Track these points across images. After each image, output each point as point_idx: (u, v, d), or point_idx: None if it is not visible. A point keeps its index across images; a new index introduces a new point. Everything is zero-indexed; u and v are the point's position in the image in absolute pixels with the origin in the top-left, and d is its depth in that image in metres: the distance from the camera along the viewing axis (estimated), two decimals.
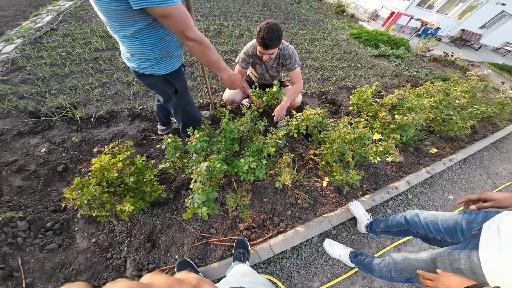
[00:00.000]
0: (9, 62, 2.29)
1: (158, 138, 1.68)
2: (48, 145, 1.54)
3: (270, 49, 1.24)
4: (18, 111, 1.74)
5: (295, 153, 1.78)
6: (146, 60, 0.86)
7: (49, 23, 3.23)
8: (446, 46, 7.42)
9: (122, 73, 2.24)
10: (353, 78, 3.11)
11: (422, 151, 2.19)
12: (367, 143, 1.30)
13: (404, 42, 5.15)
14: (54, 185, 1.35)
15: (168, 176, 1.47)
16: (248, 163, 1.01)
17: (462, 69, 5.24)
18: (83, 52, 2.44)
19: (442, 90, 2.36)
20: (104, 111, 1.80)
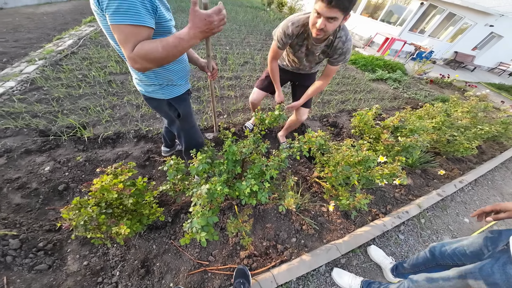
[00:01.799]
0: (29, 82, 2.45)
1: (161, 159, 1.69)
2: (53, 164, 1.56)
3: (334, 9, 0.84)
4: (29, 129, 1.81)
5: (298, 176, 1.75)
6: (151, 85, 0.90)
7: (70, 46, 3.53)
8: (441, 68, 7.67)
9: (133, 96, 2.35)
10: (353, 101, 3.20)
11: (430, 173, 2.15)
12: (372, 166, 1.28)
13: (400, 66, 5.39)
14: (53, 204, 1.34)
15: (167, 199, 1.45)
16: (250, 186, 0.99)
17: (460, 90, 5.38)
18: (98, 75, 2.61)
19: (443, 111, 2.39)
20: (112, 132, 1.85)
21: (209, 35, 0.71)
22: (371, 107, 2.22)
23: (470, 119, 2.40)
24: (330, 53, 1.21)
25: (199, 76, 2.99)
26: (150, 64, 0.66)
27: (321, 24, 0.90)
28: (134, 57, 0.63)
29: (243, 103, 2.58)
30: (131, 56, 0.63)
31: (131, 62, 0.65)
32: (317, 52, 1.24)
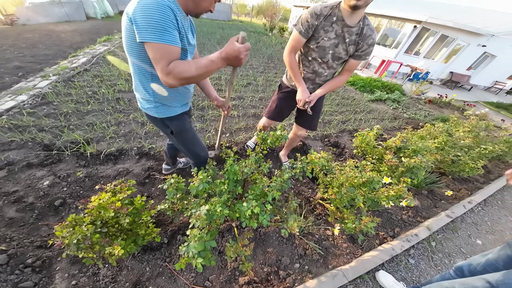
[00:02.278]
0: (40, 96, 2.54)
1: (161, 177, 1.67)
2: (52, 179, 1.55)
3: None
4: (34, 143, 1.83)
5: (301, 197, 1.70)
6: (148, 102, 0.93)
7: (83, 64, 3.73)
8: (439, 88, 7.80)
9: (139, 114, 2.41)
10: (354, 121, 3.24)
11: (437, 193, 2.11)
12: (377, 187, 1.25)
13: (398, 87, 5.53)
14: (47, 219, 1.31)
15: (164, 218, 1.40)
16: (251, 208, 0.96)
17: (459, 109, 5.43)
18: (107, 92, 2.71)
19: (444, 131, 2.40)
20: (115, 148, 1.86)
21: (233, 64, 0.79)
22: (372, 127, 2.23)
23: (473, 139, 2.39)
24: (360, 42, 1.16)
25: (203, 96, 3.10)
26: (182, 82, 0.73)
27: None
28: (169, 75, 0.69)
29: (245, 122, 2.63)
30: (166, 73, 0.69)
31: (165, 79, 0.70)
32: (347, 38, 1.14)
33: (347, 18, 1.09)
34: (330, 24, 1.12)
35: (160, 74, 0.70)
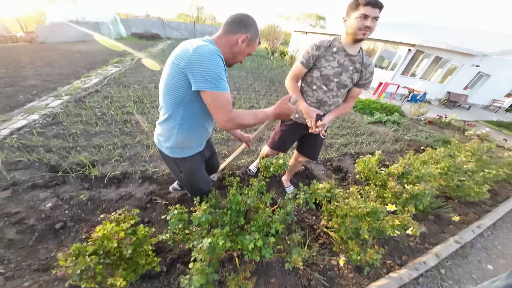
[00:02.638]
0: (51, 116, 2.64)
1: (162, 202, 1.67)
2: (55, 201, 1.55)
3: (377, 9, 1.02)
4: (41, 163, 1.87)
5: (305, 225, 1.67)
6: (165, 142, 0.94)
7: (95, 85, 3.91)
8: (437, 109, 7.88)
9: (145, 137, 2.46)
10: (355, 144, 3.26)
11: (444, 218, 2.06)
12: (381, 217, 1.24)
13: (397, 109, 5.59)
14: (46, 242, 1.30)
15: (164, 246, 1.37)
16: (254, 241, 0.95)
17: (459, 129, 5.40)
18: (116, 114, 2.81)
19: (446, 155, 2.38)
20: (119, 171, 1.88)
21: (281, 118, 0.95)
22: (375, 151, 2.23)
23: (475, 162, 2.38)
24: (363, 70, 1.26)
25: None
26: (239, 127, 0.83)
27: (371, 22, 1.05)
28: (230, 121, 0.77)
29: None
30: (227, 119, 0.77)
31: (225, 123, 0.78)
32: (350, 66, 1.23)
33: (349, 49, 1.19)
34: (331, 54, 1.22)
35: (220, 119, 0.77)
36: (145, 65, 6.03)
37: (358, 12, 1.04)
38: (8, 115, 2.54)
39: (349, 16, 1.10)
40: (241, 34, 0.82)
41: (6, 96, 3.13)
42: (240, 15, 0.83)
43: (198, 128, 0.94)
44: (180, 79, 0.74)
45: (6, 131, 2.25)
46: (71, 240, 1.33)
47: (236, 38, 0.82)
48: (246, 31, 0.83)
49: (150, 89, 4.02)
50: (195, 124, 0.90)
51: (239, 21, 0.82)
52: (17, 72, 4.46)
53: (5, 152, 1.89)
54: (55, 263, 1.19)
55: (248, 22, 0.83)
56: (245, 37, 0.83)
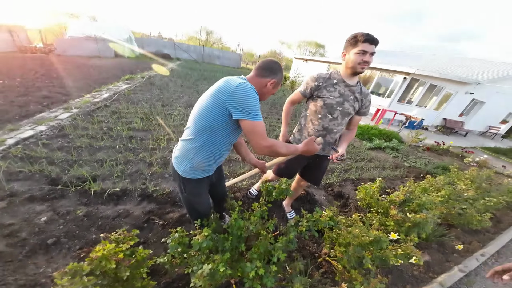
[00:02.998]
0: (58, 128, 2.69)
1: (160, 222, 1.63)
2: (51, 215, 1.53)
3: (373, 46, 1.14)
4: (41, 175, 1.86)
5: (306, 252, 1.62)
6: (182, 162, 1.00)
7: (104, 99, 4.04)
8: (434, 135, 7.94)
9: (148, 154, 2.48)
10: (356, 170, 3.27)
11: (448, 246, 2.02)
12: (384, 246, 1.24)
13: (395, 135, 5.67)
14: (36, 258, 1.25)
15: (159, 268, 1.31)
16: (255, 268, 0.93)
17: (458, 156, 5.43)
18: (122, 130, 2.86)
19: (447, 183, 2.42)
20: (119, 188, 1.86)
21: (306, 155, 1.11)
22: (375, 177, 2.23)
23: (476, 190, 2.42)
24: (363, 100, 1.35)
25: None
26: (273, 154, 0.96)
27: (369, 58, 1.16)
28: (267, 148, 0.89)
29: (249, 167, 2.66)
30: (266, 145, 0.88)
31: (263, 149, 0.89)
32: (351, 96, 1.32)
33: (348, 80, 1.29)
34: (331, 85, 1.32)
35: (259, 143, 0.87)
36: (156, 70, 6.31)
37: (357, 48, 1.15)
38: (16, 125, 2.60)
39: (348, 51, 1.20)
40: (270, 78, 0.98)
41: (18, 105, 3.24)
42: (270, 62, 1.00)
43: (215, 153, 1.00)
44: (219, 108, 0.86)
45: (12, 140, 2.29)
46: (62, 257, 1.29)
47: (266, 82, 0.98)
48: (274, 76, 0.99)
49: (157, 107, 4.16)
50: (213, 150, 0.98)
51: (270, 68, 0.98)
52: (31, 82, 4.67)
53: (7, 162, 1.91)
54: (43, 280, 1.14)
55: (276, 68, 0.99)
56: (273, 81, 0.99)
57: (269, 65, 0.98)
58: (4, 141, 2.23)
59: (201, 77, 8.87)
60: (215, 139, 0.94)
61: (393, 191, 2.20)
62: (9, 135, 2.39)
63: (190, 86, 6.71)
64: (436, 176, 2.91)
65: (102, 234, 1.00)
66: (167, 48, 16.41)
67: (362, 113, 1.41)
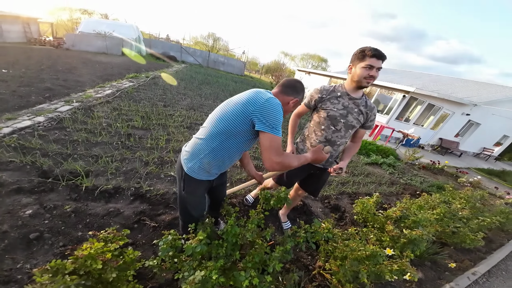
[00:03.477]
0: (57, 120, 2.65)
1: (151, 224, 1.57)
2: (37, 208, 1.45)
3: (381, 61, 1.15)
4: (32, 167, 1.81)
5: (300, 264, 1.56)
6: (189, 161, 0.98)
7: (107, 96, 4.02)
8: (430, 154, 8.07)
9: (145, 153, 2.43)
10: (352, 184, 3.27)
11: (441, 264, 2.03)
12: (380, 261, 1.22)
13: (392, 151, 5.76)
14: (15, 252, 1.18)
15: (145, 272, 1.24)
16: (250, 278, 0.89)
17: (452, 176, 5.56)
18: (121, 127, 2.83)
19: (442, 201, 2.48)
20: (112, 185, 1.81)
21: (315, 163, 1.13)
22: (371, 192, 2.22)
23: (470, 210, 2.49)
24: (368, 113, 1.34)
25: None
26: (284, 168, 0.96)
27: (375, 72, 1.17)
28: (280, 162, 0.88)
29: (246, 173, 2.62)
30: (278, 160, 0.88)
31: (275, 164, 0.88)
32: (355, 109, 1.31)
33: (352, 93, 1.30)
34: (335, 98, 1.32)
35: (272, 159, 0.87)
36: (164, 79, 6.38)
37: (364, 62, 1.15)
38: (15, 114, 2.56)
39: (355, 65, 1.20)
40: (293, 97, 1.02)
41: (19, 95, 3.21)
42: (294, 81, 1.04)
43: (225, 158, 0.99)
44: (244, 117, 0.88)
45: (8, 129, 2.24)
46: (43, 253, 1.22)
47: (289, 100, 1.02)
48: (297, 95, 1.03)
49: (159, 107, 4.15)
50: (224, 154, 0.97)
51: (294, 87, 1.02)
52: (36, 73, 4.66)
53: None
54: (18, 276, 1.07)
55: (299, 88, 1.04)
56: (296, 100, 1.03)
57: (294, 84, 1.02)
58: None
59: (205, 81, 8.97)
60: (229, 144, 0.94)
61: (390, 207, 2.22)
62: (5, 124, 2.34)
63: (193, 89, 6.77)
64: (432, 194, 2.96)
65: (91, 232, 0.95)
66: (174, 50, 16.70)
67: (367, 126, 1.41)
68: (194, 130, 3.46)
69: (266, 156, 0.87)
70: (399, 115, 8.45)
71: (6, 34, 10.23)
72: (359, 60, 1.18)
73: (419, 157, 5.74)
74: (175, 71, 10.00)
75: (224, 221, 1.75)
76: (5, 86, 3.51)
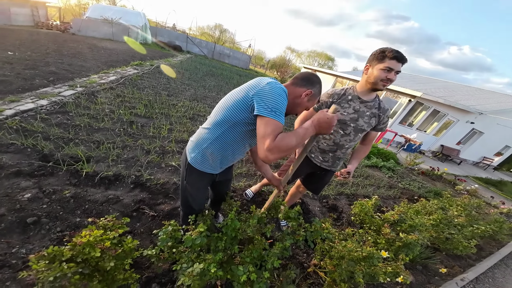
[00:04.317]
0: (60, 104, 2.63)
1: (150, 213, 1.56)
2: (36, 192, 1.44)
3: (400, 64, 1.09)
4: (33, 150, 1.79)
5: (295, 262, 1.58)
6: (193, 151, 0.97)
7: (111, 82, 3.99)
8: (430, 160, 8.03)
9: (146, 141, 2.41)
10: (351, 185, 3.26)
11: (431, 269, 2.08)
12: (376, 263, 1.23)
13: (393, 155, 5.75)
14: (11, 236, 1.17)
15: (142, 261, 1.25)
16: (247, 273, 0.89)
17: (450, 183, 5.58)
18: (124, 114, 2.81)
19: (439, 208, 2.51)
20: (112, 172, 1.80)
21: (322, 132, 0.85)
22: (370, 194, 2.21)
23: (465, 217, 2.51)
24: (381, 115, 1.29)
25: None
26: (282, 154, 0.75)
27: (393, 76, 1.10)
28: (274, 147, 0.72)
29: (247, 168, 2.63)
30: (272, 146, 0.72)
31: (268, 153, 0.73)
32: (367, 112, 1.26)
33: (364, 96, 1.25)
34: (346, 101, 1.27)
35: (267, 147, 0.72)
36: (163, 70, 6.34)
37: (383, 64, 1.08)
38: (18, 96, 2.54)
39: (373, 66, 1.13)
40: (306, 88, 0.90)
41: (23, 77, 3.18)
42: (309, 74, 0.94)
43: (227, 150, 0.96)
44: (244, 103, 0.81)
45: (11, 111, 2.23)
46: (39, 238, 1.21)
47: (301, 92, 0.90)
48: (312, 87, 0.91)
49: (162, 96, 4.12)
50: (226, 146, 0.94)
51: (307, 78, 0.92)
52: (42, 57, 4.62)
53: (1, 133, 1.84)
54: (13, 261, 1.06)
55: (314, 80, 0.92)
56: (309, 92, 0.90)
57: (307, 75, 0.93)
58: (2, 111, 2.16)
59: (209, 73, 8.87)
60: (231, 135, 0.91)
61: (387, 210, 2.23)
62: (8, 106, 2.32)
63: (197, 80, 6.70)
64: (430, 200, 2.97)
65: (90, 218, 0.94)
66: (180, 40, 16.46)
67: (379, 129, 1.36)
68: (196, 121, 3.44)
69: (260, 145, 0.74)
70: (403, 120, 8.37)
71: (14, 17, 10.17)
72: (377, 61, 1.11)
73: (420, 163, 5.72)
74: (180, 61, 9.87)
75: (223, 214, 1.75)
76: (10, 68, 3.48)
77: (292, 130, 0.82)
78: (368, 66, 1.18)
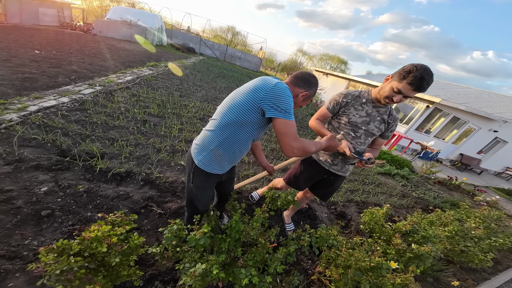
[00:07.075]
0: (79, 102, 2.77)
1: (157, 211, 1.60)
2: (52, 186, 1.51)
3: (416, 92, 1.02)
4: (53, 145, 1.89)
5: (299, 268, 1.53)
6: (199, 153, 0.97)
7: (127, 82, 4.17)
8: (448, 169, 7.57)
9: (158, 140, 2.49)
10: (362, 193, 3.14)
11: (443, 282, 1.95)
12: (384, 274, 1.18)
13: (408, 163, 5.46)
14: (25, 228, 1.21)
15: (147, 258, 1.26)
16: (249, 276, 0.89)
17: (468, 193, 5.23)
18: (138, 113, 2.92)
19: (455, 219, 2.37)
20: (124, 169, 1.86)
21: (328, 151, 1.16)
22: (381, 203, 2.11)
23: (484, 230, 2.37)
24: (391, 122, 1.29)
25: None
26: (303, 154, 0.95)
27: (399, 99, 1.08)
28: (298, 146, 0.84)
29: (254, 170, 2.62)
30: (298, 146, 0.84)
31: (293, 149, 0.84)
32: (378, 117, 1.27)
33: (377, 101, 1.24)
34: (360, 104, 1.28)
35: (290, 144, 0.83)
36: (171, 69, 6.54)
37: (399, 84, 1.04)
38: (42, 93, 2.71)
39: (393, 80, 1.08)
40: (304, 90, 0.97)
41: (48, 75, 3.40)
42: (307, 74, 0.99)
43: (235, 149, 0.97)
44: (253, 106, 0.84)
45: (35, 107, 2.38)
46: (52, 230, 1.24)
47: (299, 92, 0.97)
48: (309, 89, 0.98)
49: (175, 96, 4.23)
50: (234, 146, 0.96)
51: (306, 80, 0.97)
52: (65, 56, 4.93)
53: (24, 127, 1.96)
54: (25, 252, 1.09)
55: (312, 82, 0.98)
56: (306, 93, 0.98)
57: (306, 77, 0.97)
58: (26, 107, 2.31)
59: (220, 74, 9.01)
60: (240, 135, 0.92)
61: (399, 219, 2.13)
62: (33, 102, 2.48)
63: (209, 82, 6.83)
64: (446, 210, 2.81)
65: (100, 213, 0.98)
66: (193, 42, 16.90)
67: (385, 136, 1.36)
68: (206, 122, 3.49)
69: (285, 142, 0.84)
70: (419, 126, 8.00)
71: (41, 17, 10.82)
72: (397, 78, 1.06)
73: (437, 172, 5.41)
74: (193, 62, 10.12)
75: (228, 215, 1.75)
76: (36, 66, 3.73)
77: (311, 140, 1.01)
78: (389, 77, 1.14)
